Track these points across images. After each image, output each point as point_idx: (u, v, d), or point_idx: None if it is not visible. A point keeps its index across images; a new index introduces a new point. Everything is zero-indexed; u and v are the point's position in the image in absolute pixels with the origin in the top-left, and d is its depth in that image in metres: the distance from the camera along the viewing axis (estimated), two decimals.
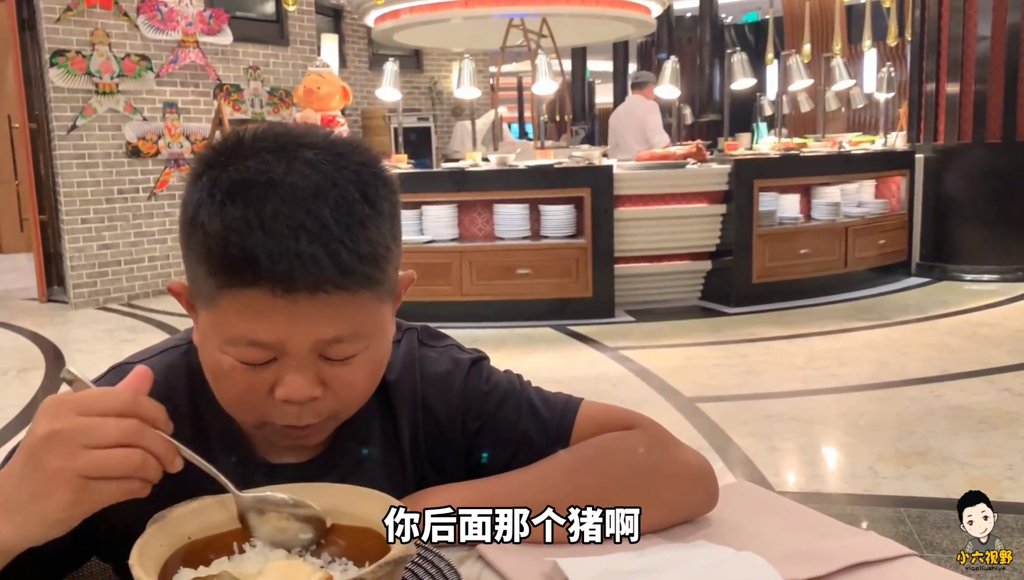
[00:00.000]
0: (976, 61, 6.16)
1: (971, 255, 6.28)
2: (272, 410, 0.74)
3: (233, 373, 0.73)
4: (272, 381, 0.72)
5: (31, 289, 6.85)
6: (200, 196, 0.71)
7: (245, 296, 0.69)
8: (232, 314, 0.70)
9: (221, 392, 0.76)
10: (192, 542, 0.62)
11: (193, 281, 0.74)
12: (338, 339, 0.72)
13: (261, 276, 0.68)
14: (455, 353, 0.91)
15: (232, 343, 0.71)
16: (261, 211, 0.68)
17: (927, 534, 2.43)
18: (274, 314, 0.69)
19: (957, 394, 3.70)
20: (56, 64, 6.13)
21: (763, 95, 9.85)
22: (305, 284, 0.68)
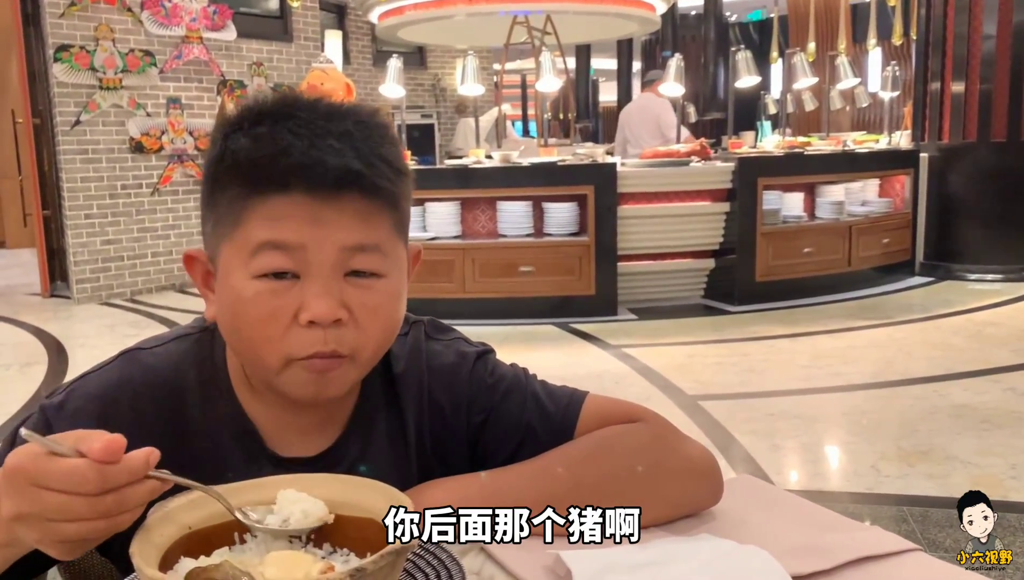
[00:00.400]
0: (982, 60, 6.14)
1: (975, 255, 6.27)
2: (296, 341, 0.74)
3: (257, 300, 0.73)
4: (296, 306, 0.73)
5: (34, 284, 6.86)
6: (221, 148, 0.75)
7: (272, 202, 0.72)
8: (257, 224, 0.73)
9: (244, 329, 0.75)
10: (193, 532, 0.62)
11: (217, 223, 0.76)
12: (361, 247, 0.74)
13: (288, 175, 0.71)
14: (461, 346, 0.91)
15: (257, 254, 0.73)
16: (288, 124, 0.73)
17: (930, 533, 2.42)
18: (299, 215, 0.72)
19: (961, 393, 3.69)
20: (60, 59, 6.13)
21: (767, 93, 9.84)
22: (330, 183, 0.72)
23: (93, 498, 0.56)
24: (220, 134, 0.76)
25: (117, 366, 0.82)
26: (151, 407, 0.80)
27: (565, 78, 7.75)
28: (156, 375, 0.81)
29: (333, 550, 0.64)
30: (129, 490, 0.57)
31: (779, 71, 10.50)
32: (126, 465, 0.57)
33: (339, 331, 0.74)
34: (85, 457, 0.56)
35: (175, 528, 0.61)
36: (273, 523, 0.62)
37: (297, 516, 0.62)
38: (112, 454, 0.56)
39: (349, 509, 0.64)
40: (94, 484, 0.56)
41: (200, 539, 0.62)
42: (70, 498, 0.56)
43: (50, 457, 0.57)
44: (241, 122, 0.75)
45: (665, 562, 0.67)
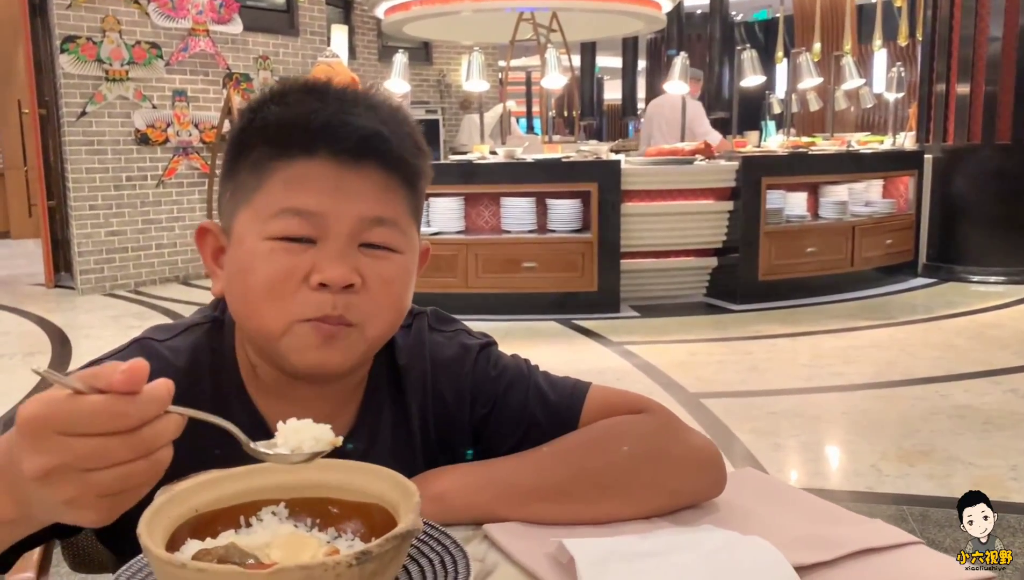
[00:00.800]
0: (987, 62, 6.13)
1: (978, 256, 6.26)
2: (305, 302, 0.73)
3: (271, 256, 0.73)
4: (309, 267, 0.73)
5: (38, 274, 6.87)
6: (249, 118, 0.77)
7: (297, 165, 0.73)
8: (279, 187, 0.73)
9: (254, 288, 0.74)
10: (200, 514, 0.62)
11: (236, 189, 0.77)
12: (380, 220, 0.75)
13: (314, 138, 0.73)
14: (464, 338, 0.91)
15: (275, 216, 0.73)
16: (317, 94, 0.75)
17: (929, 532, 2.42)
18: (323, 182, 0.73)
19: (962, 394, 3.69)
20: (66, 50, 6.14)
21: (772, 93, 9.83)
22: (354, 150, 0.73)
23: (129, 435, 0.50)
24: (249, 108, 0.78)
25: (130, 354, 0.81)
26: None
27: (570, 75, 7.75)
28: (169, 368, 0.80)
29: (338, 534, 0.65)
30: (161, 422, 0.52)
31: (784, 71, 10.49)
32: (154, 394, 0.51)
33: (350, 298, 0.74)
34: (104, 394, 0.50)
35: (182, 510, 0.61)
36: (283, 450, 0.60)
37: (308, 442, 0.60)
38: (137, 382, 0.50)
39: (354, 494, 0.65)
40: (131, 418, 0.50)
41: (207, 521, 0.62)
42: (106, 439, 0.49)
43: (73, 398, 0.49)
44: (272, 95, 0.77)
45: (667, 552, 0.68)
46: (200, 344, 0.83)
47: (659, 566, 0.65)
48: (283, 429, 0.61)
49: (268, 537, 0.62)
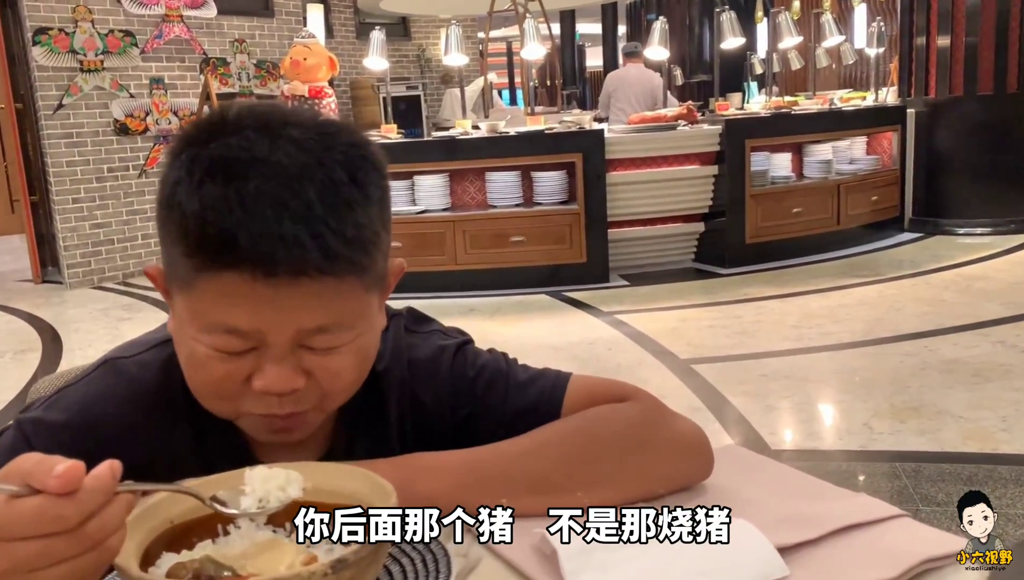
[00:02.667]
0: (966, 14, 6.10)
1: (964, 209, 6.28)
2: (250, 400, 0.72)
3: (208, 362, 0.70)
4: (250, 370, 0.70)
5: (25, 271, 6.83)
6: (178, 174, 0.68)
7: (223, 280, 0.66)
8: (209, 299, 0.68)
9: (195, 382, 0.73)
10: (174, 526, 0.62)
11: (170, 264, 0.72)
12: (321, 329, 0.70)
13: (241, 258, 0.65)
14: (439, 339, 0.89)
15: (208, 331, 0.69)
16: (242, 190, 0.65)
17: (922, 488, 2.45)
18: (253, 300, 0.67)
19: (951, 348, 3.72)
20: (39, 42, 6.05)
21: (753, 54, 9.77)
22: (287, 268, 0.65)
23: (74, 533, 0.49)
24: (169, 174, 0.70)
25: (99, 377, 0.80)
26: (137, 419, 0.77)
27: (550, 45, 7.69)
28: (140, 386, 0.79)
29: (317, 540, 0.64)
30: (106, 511, 0.51)
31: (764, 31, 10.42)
32: (95, 485, 0.50)
33: (297, 394, 0.72)
34: (41, 492, 0.49)
35: (156, 522, 0.61)
36: (249, 506, 0.60)
37: (275, 494, 0.61)
38: (72, 483, 0.49)
39: (331, 496, 0.64)
40: (71, 518, 0.49)
41: (182, 532, 0.62)
42: (48, 541, 0.49)
43: (10, 503, 0.49)
44: (188, 174, 0.68)
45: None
46: (171, 359, 0.79)
47: (643, 552, 0.65)
48: (251, 476, 0.61)
49: (246, 545, 0.61)
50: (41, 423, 0.76)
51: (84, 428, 0.75)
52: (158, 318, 5.22)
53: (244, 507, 0.60)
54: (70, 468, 0.49)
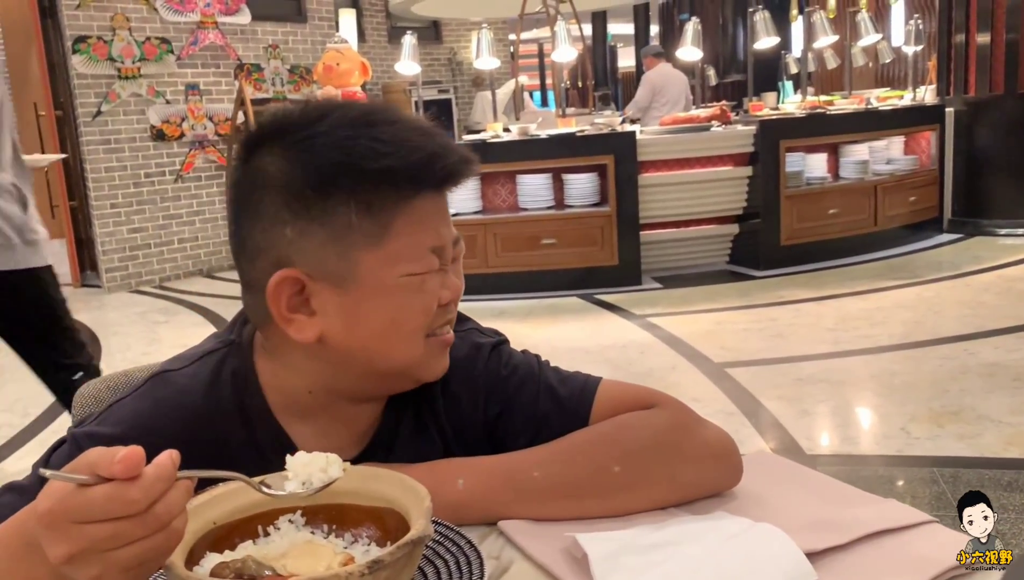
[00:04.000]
0: (1007, 9, 6.00)
1: (1005, 209, 6.17)
2: (438, 319, 0.81)
3: (424, 287, 0.78)
4: (440, 290, 0.80)
5: (65, 275, 6.95)
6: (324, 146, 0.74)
7: (414, 204, 0.76)
8: (412, 230, 0.76)
9: (408, 319, 0.79)
10: (218, 527, 0.63)
11: (336, 242, 0.75)
12: (458, 238, 0.83)
13: (444, 173, 0.77)
14: (476, 337, 0.91)
15: (418, 258, 0.77)
16: (403, 126, 0.77)
17: (960, 494, 2.41)
18: (439, 215, 0.79)
19: (991, 351, 3.66)
20: (78, 51, 6.18)
21: (788, 53, 9.67)
22: (464, 179, 0.80)
23: (142, 515, 0.53)
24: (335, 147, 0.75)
25: (148, 389, 0.82)
26: (189, 430, 0.78)
27: (581, 47, 7.68)
28: (191, 397, 0.81)
29: (354, 539, 0.66)
30: (171, 495, 0.55)
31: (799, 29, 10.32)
32: (158, 472, 0.54)
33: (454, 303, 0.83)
34: (110, 480, 0.53)
35: (200, 523, 0.62)
36: (295, 488, 0.62)
37: (317, 475, 0.62)
38: (136, 468, 0.53)
39: (367, 499, 0.66)
40: (140, 502, 0.53)
41: (225, 533, 0.63)
42: (119, 523, 0.53)
43: (81, 491, 0.53)
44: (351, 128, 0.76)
45: (679, 542, 0.68)
46: (219, 369, 0.82)
47: (671, 557, 0.66)
48: (292, 463, 0.63)
49: (286, 546, 0.63)
50: (94, 437, 0.77)
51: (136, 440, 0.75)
52: (193, 321, 5.29)
53: (290, 490, 0.62)
54: (130, 453, 0.53)
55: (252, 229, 0.78)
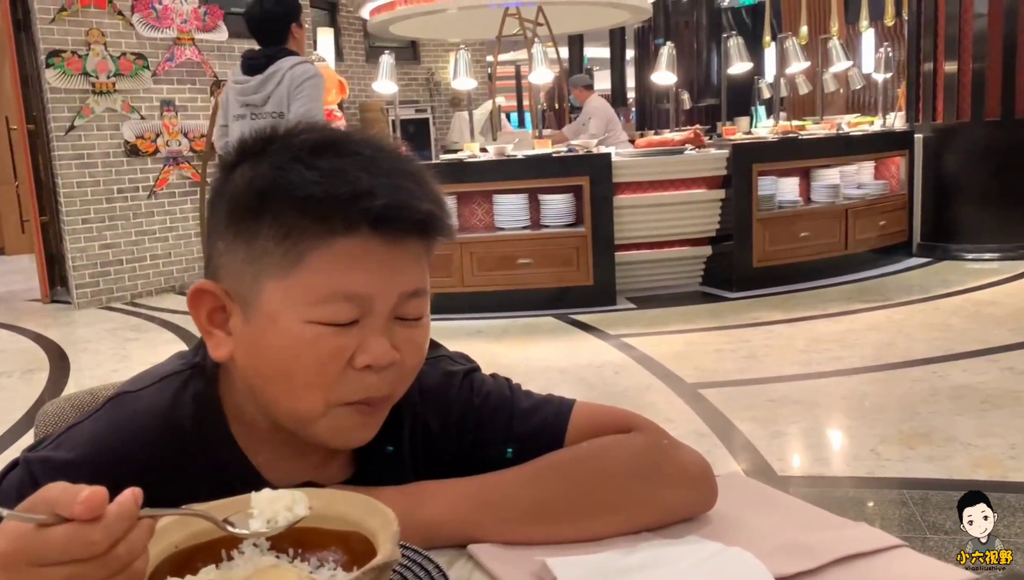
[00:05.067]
0: (973, 39, 6.13)
1: (972, 234, 6.27)
2: (350, 385, 0.73)
3: (318, 341, 0.71)
4: (354, 349, 0.72)
5: (34, 290, 6.87)
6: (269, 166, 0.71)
7: (339, 245, 0.69)
8: (326, 269, 0.70)
9: (298, 373, 0.72)
10: (179, 551, 0.62)
11: (246, 267, 0.72)
12: (416, 293, 0.74)
13: (372, 219, 0.69)
14: (447, 365, 0.90)
15: (323, 302, 0.70)
16: (355, 160, 0.71)
17: (930, 516, 2.43)
18: (370, 261, 0.70)
19: (960, 374, 3.70)
20: (52, 65, 6.12)
21: (761, 78, 9.81)
22: (402, 227, 0.70)
23: (103, 557, 0.51)
24: (270, 164, 0.72)
25: (106, 412, 0.79)
26: (147, 452, 0.76)
27: (558, 69, 7.74)
28: (149, 418, 0.78)
29: (320, 564, 0.64)
30: (133, 535, 0.53)
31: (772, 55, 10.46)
32: (120, 511, 0.52)
33: (389, 372, 0.74)
34: (70, 520, 0.51)
35: (161, 547, 0.61)
36: (259, 527, 0.61)
37: (283, 514, 0.61)
38: (96, 508, 0.51)
39: (334, 522, 0.65)
40: (101, 543, 0.51)
41: (186, 557, 0.62)
42: (79, 566, 0.51)
43: (39, 530, 0.51)
44: (296, 155, 0.71)
45: (651, 566, 0.68)
46: (180, 393, 0.79)
47: None
48: (257, 500, 0.62)
49: (249, 570, 0.62)
50: (48, 462, 0.75)
51: (92, 465, 0.74)
52: (165, 339, 5.23)
53: (254, 528, 0.61)
54: (93, 494, 0.51)
55: (208, 236, 0.78)
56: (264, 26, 3.74)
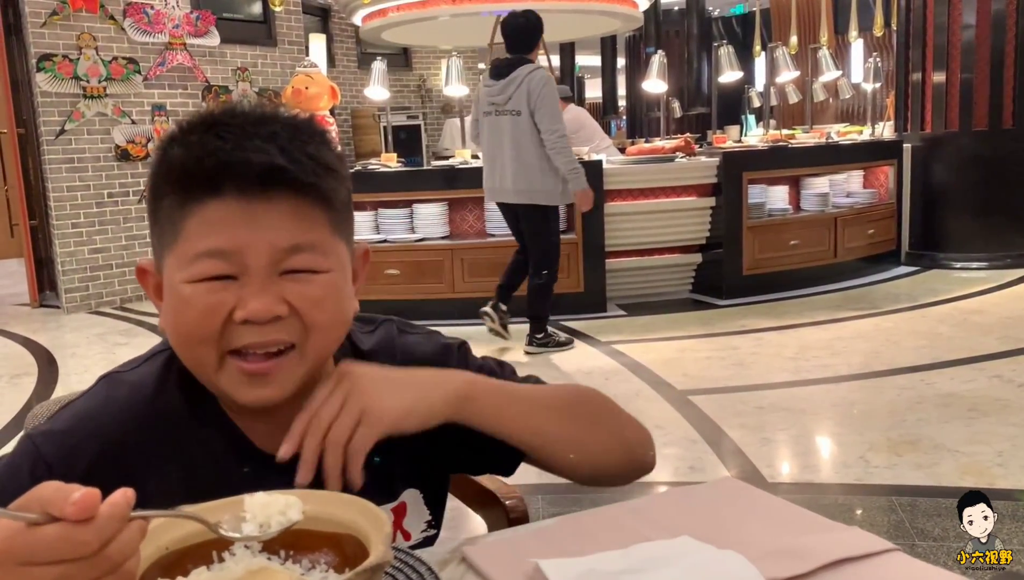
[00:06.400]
0: (962, 49, 6.17)
1: (960, 243, 6.31)
2: (233, 337, 0.75)
3: (194, 298, 0.74)
4: (233, 304, 0.74)
5: (23, 294, 6.83)
6: (167, 143, 0.77)
7: (205, 211, 0.74)
8: (195, 233, 0.74)
9: (182, 329, 0.76)
10: (169, 552, 0.62)
11: (158, 241, 0.78)
12: (297, 248, 0.75)
13: (217, 177, 0.73)
14: (441, 338, 0.95)
15: (193, 262, 0.74)
16: (216, 130, 0.74)
17: (918, 522, 2.44)
18: (232, 221, 0.73)
19: (947, 382, 3.72)
20: (43, 69, 6.10)
21: (751, 87, 9.86)
22: (255, 179, 0.73)
23: (93, 558, 0.51)
24: (159, 148, 0.78)
25: (100, 389, 0.84)
26: (140, 424, 0.80)
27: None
28: (141, 393, 0.82)
29: (311, 566, 0.64)
30: (124, 535, 0.53)
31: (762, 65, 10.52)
32: (111, 512, 0.52)
33: (280, 325, 0.75)
34: (60, 520, 0.51)
35: (151, 549, 0.60)
36: (251, 531, 0.61)
37: (276, 518, 0.62)
38: (88, 509, 0.51)
39: (325, 524, 0.65)
40: (91, 544, 0.51)
41: (177, 559, 0.62)
42: (69, 566, 0.51)
43: (30, 529, 0.51)
44: (176, 134, 0.77)
45: (644, 568, 0.68)
46: (167, 369, 0.84)
47: None
48: (250, 504, 0.62)
49: (240, 572, 0.61)
50: (49, 434, 0.79)
51: (90, 432, 0.78)
52: (154, 343, 5.18)
53: (247, 532, 0.61)
54: (86, 495, 0.51)
55: None
56: (516, 35, 4.47)
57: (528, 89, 4.29)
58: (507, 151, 4.41)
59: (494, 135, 4.49)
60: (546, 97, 4.28)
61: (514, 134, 4.36)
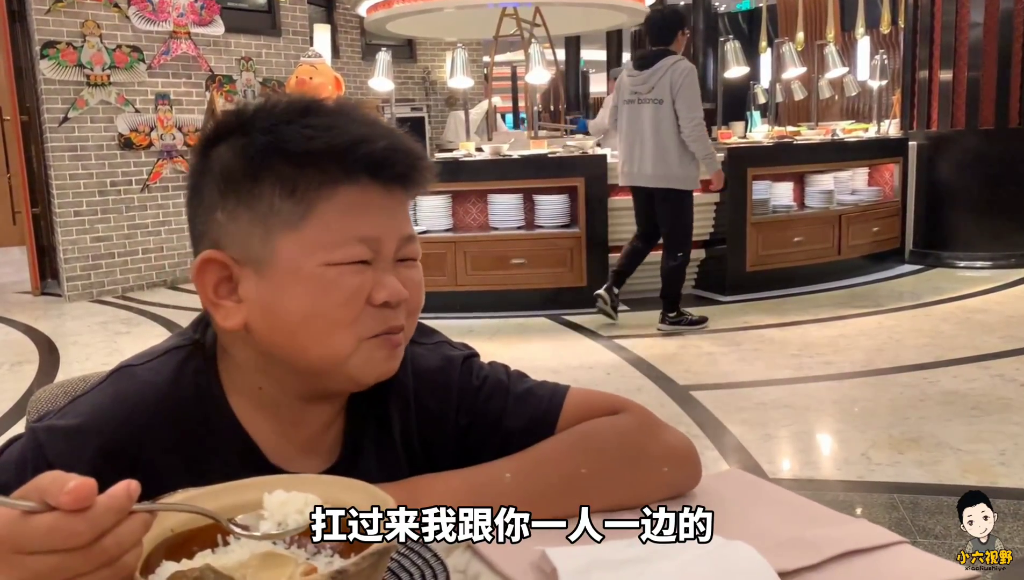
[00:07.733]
0: (969, 48, 6.15)
1: (964, 242, 6.29)
2: (370, 321, 0.77)
3: (340, 280, 0.74)
4: (371, 287, 0.76)
5: (24, 282, 6.83)
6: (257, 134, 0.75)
7: (344, 191, 0.74)
8: (335, 215, 0.74)
9: (323, 312, 0.75)
10: (175, 535, 0.61)
11: (253, 227, 0.75)
12: (411, 237, 0.79)
13: (371, 162, 0.74)
14: (447, 350, 0.92)
15: (339, 245, 0.74)
16: (348, 116, 0.77)
17: (920, 520, 2.43)
18: (375, 206, 0.76)
19: (950, 380, 3.71)
20: (47, 56, 6.09)
21: (757, 83, 9.83)
22: (401, 178, 0.77)
23: (87, 549, 0.50)
24: (260, 128, 0.75)
25: (111, 383, 0.80)
26: (150, 422, 0.78)
27: (555, 70, 7.74)
28: (153, 390, 0.79)
29: (317, 551, 0.64)
30: (121, 529, 0.52)
31: (768, 61, 10.50)
32: (109, 504, 0.51)
33: (402, 307, 0.79)
34: (56, 509, 0.50)
35: (157, 531, 0.60)
36: (269, 528, 0.61)
37: (293, 517, 0.61)
38: (82, 499, 0.50)
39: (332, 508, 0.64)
40: (84, 534, 0.50)
41: (182, 541, 0.61)
42: (63, 556, 0.50)
43: (25, 517, 0.50)
44: (286, 114, 0.76)
45: (651, 558, 0.67)
46: (182, 367, 0.80)
47: (643, 573, 0.65)
48: (269, 502, 0.62)
49: (245, 556, 0.61)
50: (53, 429, 0.76)
51: (96, 432, 0.75)
52: (156, 333, 5.21)
53: (264, 530, 0.61)
54: (80, 485, 0.50)
55: (195, 216, 0.80)
56: (659, 28, 4.70)
57: (671, 79, 4.51)
58: (647, 138, 4.60)
59: (634, 122, 4.67)
60: (688, 87, 4.50)
61: (655, 121, 4.56)
